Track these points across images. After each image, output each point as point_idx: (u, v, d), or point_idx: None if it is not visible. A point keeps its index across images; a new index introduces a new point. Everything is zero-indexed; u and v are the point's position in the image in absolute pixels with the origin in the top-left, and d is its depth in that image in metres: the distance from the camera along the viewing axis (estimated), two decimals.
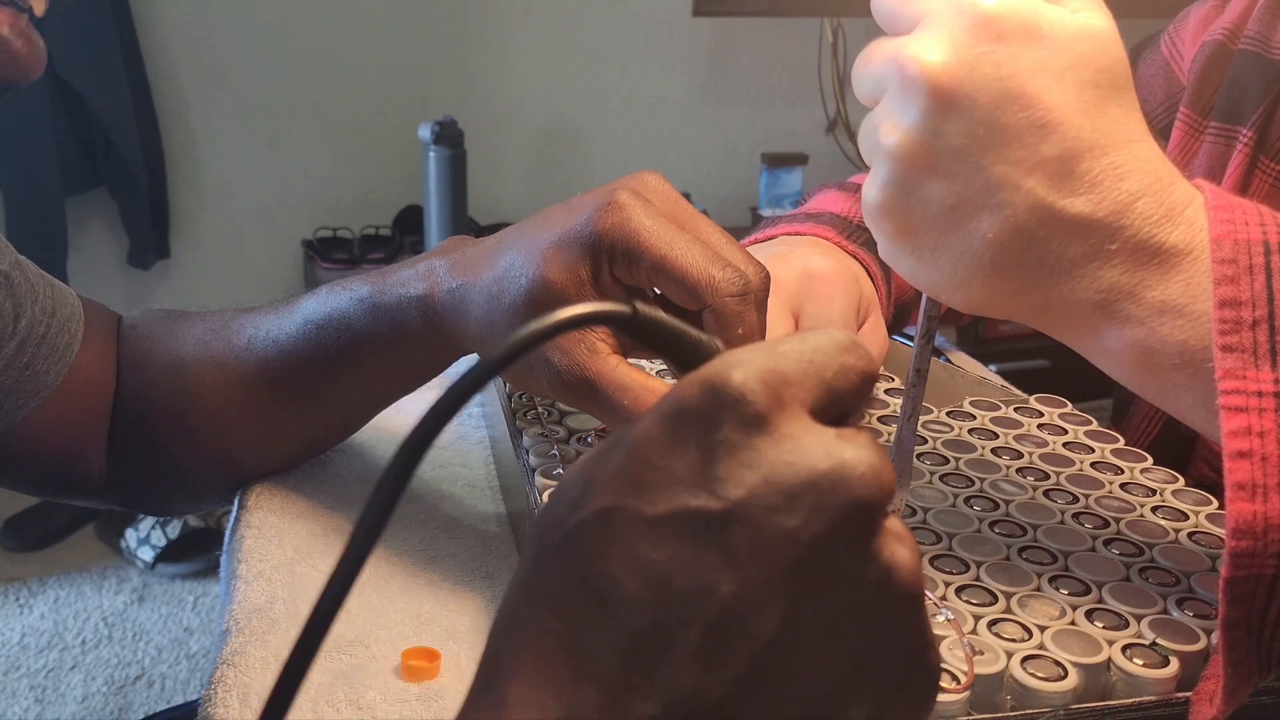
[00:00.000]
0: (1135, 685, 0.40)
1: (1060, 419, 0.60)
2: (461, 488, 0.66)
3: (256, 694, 0.49)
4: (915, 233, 0.40)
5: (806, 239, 0.63)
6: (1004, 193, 0.38)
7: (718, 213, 2.58)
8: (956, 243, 0.40)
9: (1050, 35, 0.37)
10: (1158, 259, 0.38)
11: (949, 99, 0.37)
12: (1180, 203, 0.38)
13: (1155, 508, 0.51)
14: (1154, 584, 0.45)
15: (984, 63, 0.37)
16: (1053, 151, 0.37)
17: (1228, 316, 0.36)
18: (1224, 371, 0.36)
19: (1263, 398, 0.36)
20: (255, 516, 0.62)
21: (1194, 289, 0.37)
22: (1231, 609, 0.36)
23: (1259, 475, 0.35)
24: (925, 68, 0.37)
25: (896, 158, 0.39)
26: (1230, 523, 0.35)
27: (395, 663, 0.50)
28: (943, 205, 0.39)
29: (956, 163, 0.38)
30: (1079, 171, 0.38)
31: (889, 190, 0.40)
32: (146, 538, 2.05)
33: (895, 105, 0.39)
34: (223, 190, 2.35)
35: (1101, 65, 0.38)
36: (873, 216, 0.41)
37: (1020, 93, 0.37)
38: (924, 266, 0.41)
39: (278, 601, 0.55)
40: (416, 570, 0.58)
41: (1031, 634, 0.41)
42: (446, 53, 2.39)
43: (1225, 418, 0.36)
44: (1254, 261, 0.37)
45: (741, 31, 2.54)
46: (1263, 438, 0.35)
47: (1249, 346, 0.36)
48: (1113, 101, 0.38)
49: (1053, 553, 0.47)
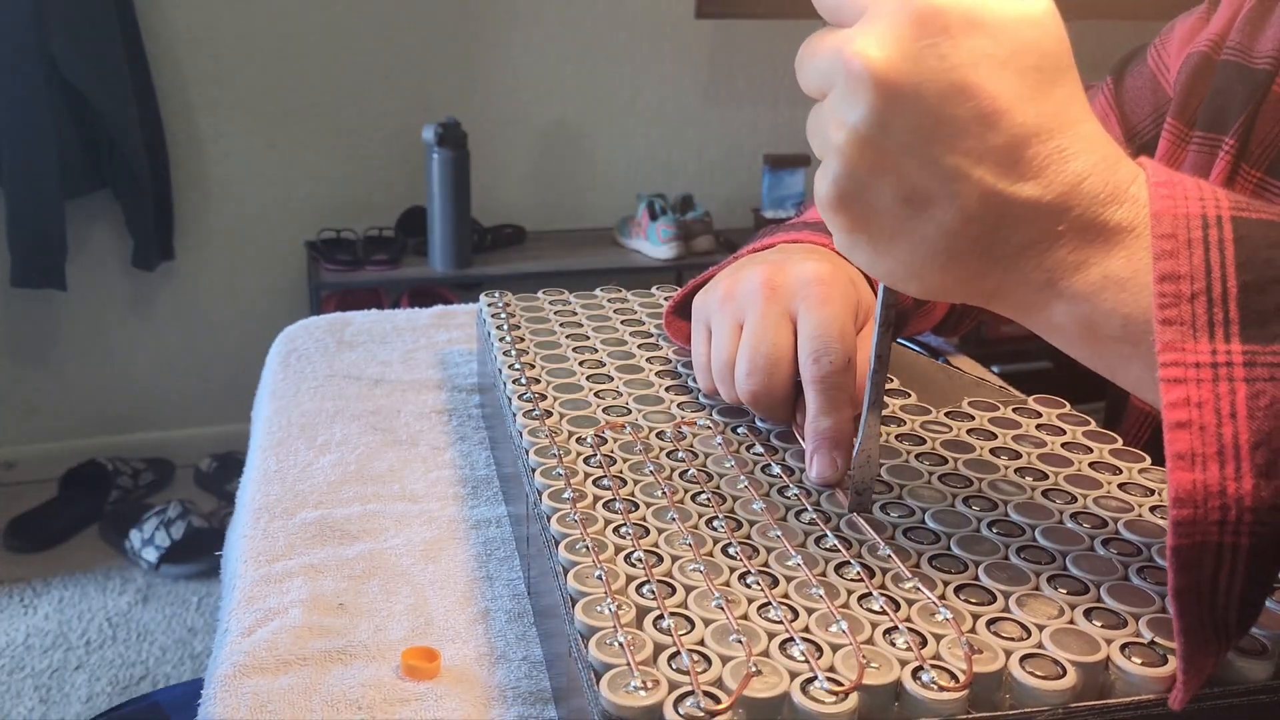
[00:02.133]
0: (1133, 684, 0.40)
1: (1059, 419, 0.60)
2: (461, 488, 0.66)
3: (255, 693, 0.49)
4: (869, 226, 0.41)
5: (804, 246, 0.63)
6: (955, 183, 0.39)
7: (720, 214, 2.59)
8: (910, 234, 0.40)
9: (992, 23, 0.38)
10: (1102, 236, 0.39)
11: (895, 94, 0.38)
12: (1125, 180, 0.39)
13: (1153, 507, 0.51)
14: (1152, 583, 0.45)
15: (928, 56, 0.38)
16: (1000, 140, 0.38)
17: (1167, 290, 0.37)
18: (1163, 344, 0.37)
19: (1200, 369, 0.36)
20: (256, 516, 0.62)
21: (1136, 263, 0.38)
22: (1179, 577, 0.36)
23: (1197, 445, 0.36)
24: (870, 63, 0.38)
25: (846, 154, 0.40)
26: (1171, 491, 0.36)
27: (395, 663, 0.51)
28: (895, 198, 0.40)
29: (905, 157, 0.39)
30: (1026, 157, 0.38)
31: (840, 185, 0.41)
32: (150, 538, 2.06)
33: (842, 101, 0.39)
34: (226, 191, 2.35)
35: (1044, 49, 0.39)
36: (826, 211, 0.42)
37: (965, 84, 0.38)
38: (880, 258, 0.42)
39: (277, 601, 0.55)
40: (416, 571, 0.58)
41: (1030, 633, 0.41)
42: (450, 54, 2.40)
43: (1164, 389, 0.37)
44: (1192, 235, 0.38)
45: (744, 33, 2.55)
46: (1200, 408, 0.36)
47: (1187, 319, 0.37)
48: (1056, 84, 0.39)
49: (1051, 552, 0.47)
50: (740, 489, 0.52)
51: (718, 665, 0.39)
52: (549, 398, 0.61)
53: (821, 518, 0.49)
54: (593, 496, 0.51)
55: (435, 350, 0.86)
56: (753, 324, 0.57)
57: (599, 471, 0.53)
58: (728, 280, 0.60)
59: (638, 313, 0.75)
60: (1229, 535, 0.36)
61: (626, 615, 0.42)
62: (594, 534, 0.47)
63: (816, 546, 0.47)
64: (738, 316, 0.58)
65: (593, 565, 0.45)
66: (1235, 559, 0.36)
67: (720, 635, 0.41)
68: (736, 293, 0.59)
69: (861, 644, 0.40)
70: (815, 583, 0.44)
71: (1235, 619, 0.37)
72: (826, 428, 0.52)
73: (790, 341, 0.56)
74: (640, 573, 0.45)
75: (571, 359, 0.66)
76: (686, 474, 0.53)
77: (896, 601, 0.43)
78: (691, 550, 0.46)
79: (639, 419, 0.59)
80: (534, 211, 2.54)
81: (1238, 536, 0.36)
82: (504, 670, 0.51)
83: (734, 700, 0.37)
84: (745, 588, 0.44)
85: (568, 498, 0.50)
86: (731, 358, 0.57)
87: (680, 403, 0.61)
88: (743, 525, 0.49)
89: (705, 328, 0.61)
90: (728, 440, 0.57)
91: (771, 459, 0.55)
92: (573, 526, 0.48)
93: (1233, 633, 0.37)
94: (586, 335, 0.70)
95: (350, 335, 0.88)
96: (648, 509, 0.50)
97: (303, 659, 0.51)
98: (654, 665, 0.39)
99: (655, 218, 2.40)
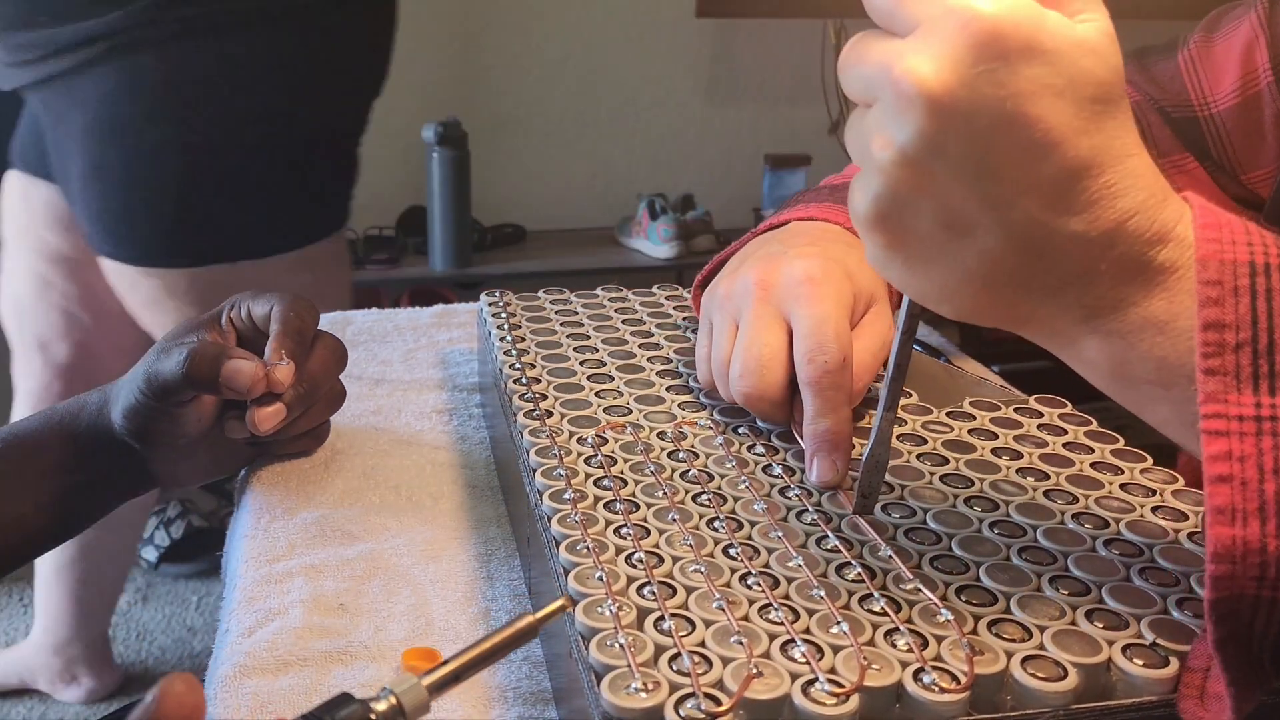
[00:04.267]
0: (1135, 685, 0.40)
1: (1060, 419, 0.60)
2: (462, 488, 0.66)
3: (255, 694, 0.49)
4: (906, 246, 0.40)
5: (816, 226, 0.63)
6: (999, 211, 0.38)
7: (721, 214, 2.58)
8: (949, 259, 0.40)
9: (1052, 51, 0.37)
10: (1144, 275, 0.38)
11: (946, 119, 0.37)
12: (1171, 220, 0.38)
13: (1155, 508, 0.51)
14: (1154, 584, 0.45)
15: (984, 82, 0.36)
16: (1050, 172, 0.37)
17: (1211, 339, 0.36)
18: (1206, 395, 0.36)
19: (1243, 422, 0.36)
20: (256, 516, 0.62)
21: (1176, 306, 0.38)
22: (1218, 628, 0.36)
23: (1238, 500, 0.35)
24: (923, 84, 0.36)
25: (889, 173, 0.39)
26: (1210, 546, 0.36)
27: (396, 664, 0.51)
28: (936, 222, 0.39)
29: (952, 182, 0.38)
30: (1075, 191, 0.37)
31: (881, 204, 0.39)
32: (150, 537, 2.05)
33: (889, 119, 0.38)
34: None
35: (1100, 79, 0.38)
36: (863, 226, 0.41)
37: (1020, 115, 0.37)
38: (914, 278, 0.41)
39: (277, 602, 0.55)
40: (417, 571, 0.58)
41: (1031, 634, 0.41)
42: (450, 53, 2.40)
43: (1206, 442, 0.36)
44: (1239, 283, 0.37)
45: (744, 32, 2.55)
46: (1243, 462, 0.35)
47: (1231, 369, 0.36)
48: (1109, 116, 0.38)
49: (1052, 553, 0.47)
50: (741, 489, 0.52)
51: (718, 667, 0.39)
52: (549, 397, 0.61)
53: (823, 518, 0.49)
54: (593, 497, 0.51)
55: (436, 350, 0.86)
56: (746, 325, 0.57)
57: (600, 472, 0.53)
58: (727, 279, 0.61)
59: (638, 312, 0.74)
60: (1266, 590, 0.35)
61: (627, 616, 0.42)
62: (595, 535, 0.47)
63: (817, 547, 0.47)
64: (734, 316, 0.58)
65: (593, 566, 0.45)
66: (1272, 611, 0.36)
67: (721, 636, 0.41)
68: (733, 292, 0.59)
69: (862, 645, 0.40)
70: (816, 584, 0.44)
71: (1270, 659, 0.37)
72: (824, 430, 0.52)
73: (783, 342, 0.56)
74: (641, 574, 0.45)
75: (572, 358, 0.66)
76: (687, 474, 0.53)
77: (898, 603, 0.43)
78: (692, 551, 0.46)
79: (640, 419, 0.59)
80: (534, 211, 2.54)
81: (1275, 591, 0.35)
82: (504, 671, 0.50)
83: (735, 702, 0.37)
84: (746, 589, 0.44)
85: (568, 498, 0.50)
86: (728, 357, 0.57)
87: (681, 403, 0.61)
88: (744, 526, 0.49)
89: (709, 324, 0.61)
90: (729, 441, 0.57)
91: (772, 459, 0.55)
92: (573, 527, 0.48)
93: (1270, 673, 0.37)
94: (587, 335, 0.70)
95: (351, 334, 0.88)
96: (648, 509, 0.50)
97: (303, 659, 0.51)
98: (655, 667, 0.39)
99: (655, 217, 2.40)
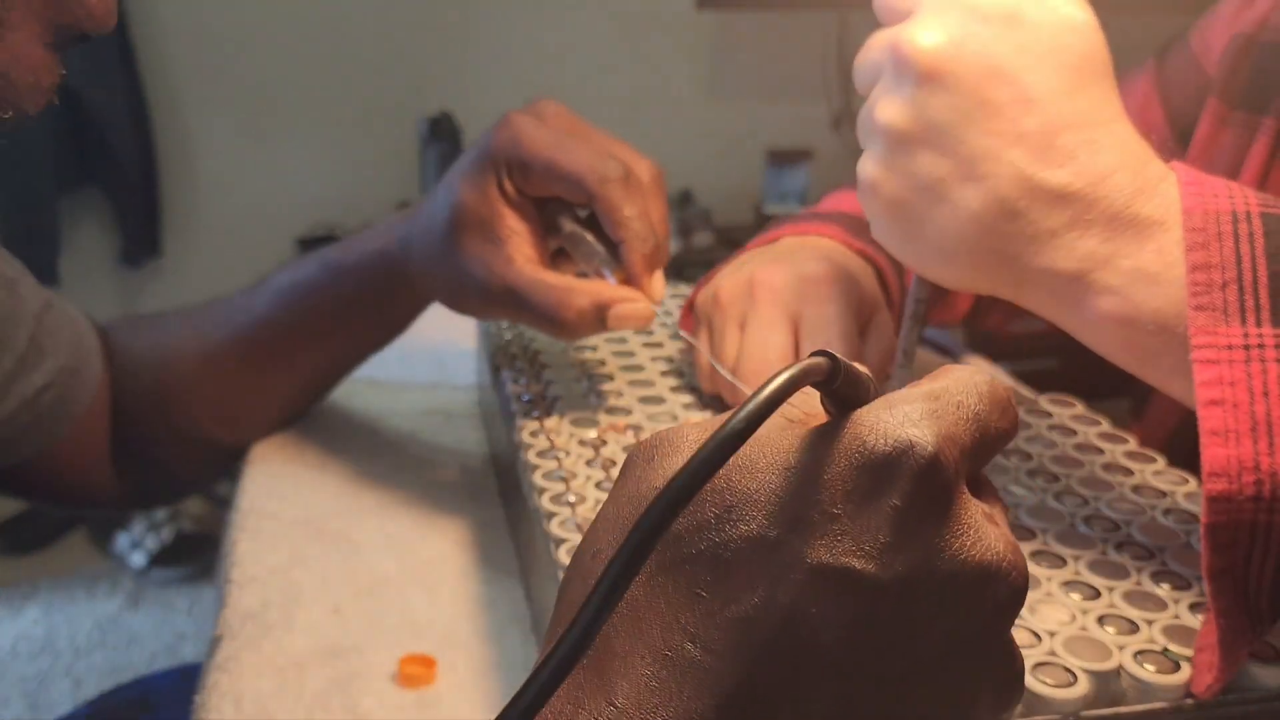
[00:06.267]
0: (1146, 691, 0.39)
1: (1070, 420, 0.59)
2: (459, 489, 0.66)
3: (249, 700, 0.48)
4: (903, 205, 0.43)
5: (810, 239, 0.63)
6: (987, 164, 0.41)
7: (722, 209, 2.57)
8: (942, 214, 0.42)
9: (1033, 22, 0.41)
10: (1133, 228, 0.40)
11: (937, 75, 0.41)
12: (1154, 178, 0.40)
13: (1167, 510, 0.50)
14: (1165, 588, 0.44)
15: (971, 41, 0.41)
16: (1033, 125, 0.40)
17: (1199, 279, 0.39)
18: (1196, 329, 0.38)
19: (1232, 350, 0.38)
20: (250, 519, 0.62)
21: (1167, 257, 0.40)
22: (1215, 557, 0.37)
23: (1231, 421, 0.37)
24: (917, 48, 0.41)
25: (888, 133, 0.42)
26: (1205, 467, 0.37)
27: (392, 669, 0.50)
28: (930, 177, 0.42)
29: (943, 136, 0.41)
30: (1058, 145, 0.40)
31: (880, 165, 0.43)
32: (140, 542, 2.04)
33: (889, 85, 0.42)
34: (216, 187, 2.33)
35: (1082, 52, 0.41)
36: (864, 192, 0.44)
37: (1003, 70, 0.40)
38: (911, 241, 0.44)
39: (271, 606, 0.54)
40: (413, 576, 0.57)
41: (1041, 640, 0.41)
42: (443, 46, 2.38)
43: (1198, 370, 0.38)
44: (1222, 229, 0.39)
45: (745, 25, 2.53)
46: (1233, 386, 0.37)
47: (1219, 305, 0.38)
48: (1092, 85, 0.41)
49: (1063, 557, 0.46)
50: None
51: None
52: (549, 398, 0.60)
53: None
54: (593, 500, 0.50)
55: (433, 349, 0.85)
56: (753, 326, 0.56)
57: (600, 474, 0.52)
58: (729, 280, 0.60)
59: None
60: (1263, 513, 0.37)
61: None
62: None
63: None
64: (738, 318, 0.58)
65: None
66: (1269, 539, 0.37)
67: None
68: (737, 293, 0.58)
69: None
70: None
71: (1267, 603, 0.38)
72: None
73: (790, 343, 0.56)
74: None
75: (572, 358, 0.65)
76: None
77: None
78: None
79: (641, 420, 0.58)
80: None
81: (1272, 515, 0.37)
82: (502, 675, 0.50)
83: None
84: None
85: (567, 501, 0.49)
86: (733, 358, 0.57)
87: (683, 404, 0.60)
88: None
89: (707, 327, 0.60)
90: None
91: None
92: (572, 530, 0.47)
93: (1265, 618, 0.38)
94: None
95: None
96: None
97: (298, 664, 0.50)
98: None
99: None
